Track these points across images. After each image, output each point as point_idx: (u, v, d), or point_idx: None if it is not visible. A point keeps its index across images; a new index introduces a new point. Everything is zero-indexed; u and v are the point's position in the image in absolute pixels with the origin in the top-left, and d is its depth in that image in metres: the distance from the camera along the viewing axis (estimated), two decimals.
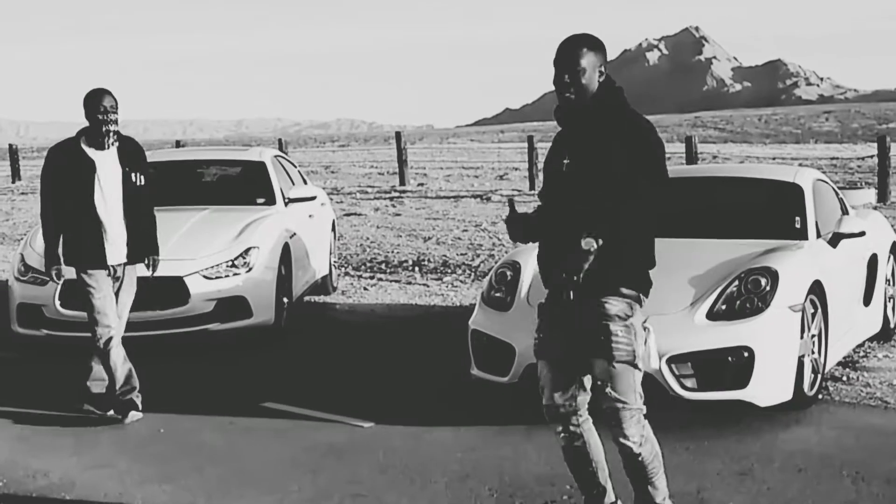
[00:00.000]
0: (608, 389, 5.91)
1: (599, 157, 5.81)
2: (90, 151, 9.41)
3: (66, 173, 9.44)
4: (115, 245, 9.45)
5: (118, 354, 9.47)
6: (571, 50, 5.93)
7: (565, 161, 5.99)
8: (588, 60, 5.90)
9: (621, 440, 5.96)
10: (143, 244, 9.70)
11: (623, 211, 5.73)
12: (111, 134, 9.40)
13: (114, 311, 9.52)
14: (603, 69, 5.98)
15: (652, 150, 5.90)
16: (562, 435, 6.26)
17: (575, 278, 5.72)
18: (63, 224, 9.47)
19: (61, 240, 9.49)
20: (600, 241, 5.61)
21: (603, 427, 6.10)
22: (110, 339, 9.38)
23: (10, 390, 10.67)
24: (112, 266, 9.48)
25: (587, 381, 6.10)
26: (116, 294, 9.60)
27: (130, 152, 9.68)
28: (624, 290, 5.95)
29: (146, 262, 9.78)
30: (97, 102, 9.26)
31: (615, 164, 5.75)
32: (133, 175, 9.57)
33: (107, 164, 9.42)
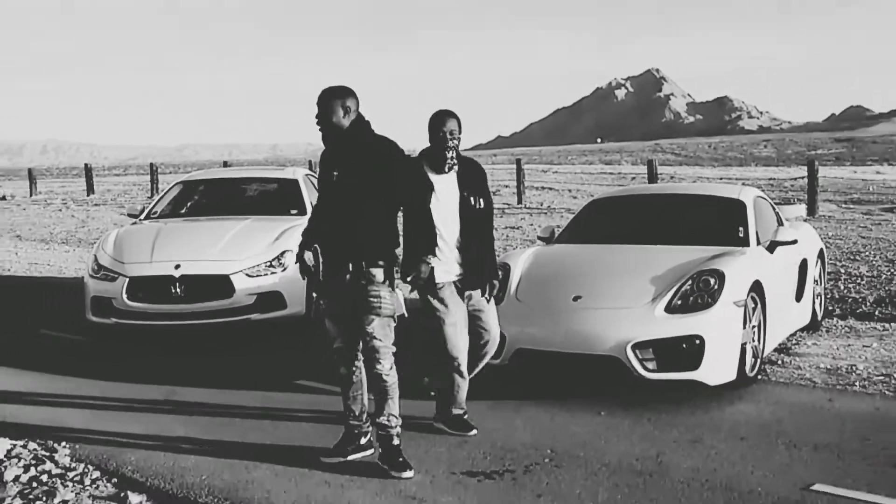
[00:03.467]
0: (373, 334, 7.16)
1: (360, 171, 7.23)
2: (429, 174, 7.93)
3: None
4: (447, 269, 7.90)
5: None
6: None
7: (335, 173, 7.31)
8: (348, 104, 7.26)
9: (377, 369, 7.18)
10: (479, 269, 8.05)
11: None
12: (450, 158, 7.93)
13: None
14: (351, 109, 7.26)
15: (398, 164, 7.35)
16: (343, 370, 7.48)
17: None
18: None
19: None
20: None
21: None
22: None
23: (85, 368, 10.70)
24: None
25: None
26: None
27: (471, 175, 8.15)
28: (381, 263, 7.21)
29: (484, 290, 8.11)
30: (440, 125, 7.89)
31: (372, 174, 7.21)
32: (472, 199, 8.00)
33: (445, 188, 7.94)
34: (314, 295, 7.20)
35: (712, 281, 8.95)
